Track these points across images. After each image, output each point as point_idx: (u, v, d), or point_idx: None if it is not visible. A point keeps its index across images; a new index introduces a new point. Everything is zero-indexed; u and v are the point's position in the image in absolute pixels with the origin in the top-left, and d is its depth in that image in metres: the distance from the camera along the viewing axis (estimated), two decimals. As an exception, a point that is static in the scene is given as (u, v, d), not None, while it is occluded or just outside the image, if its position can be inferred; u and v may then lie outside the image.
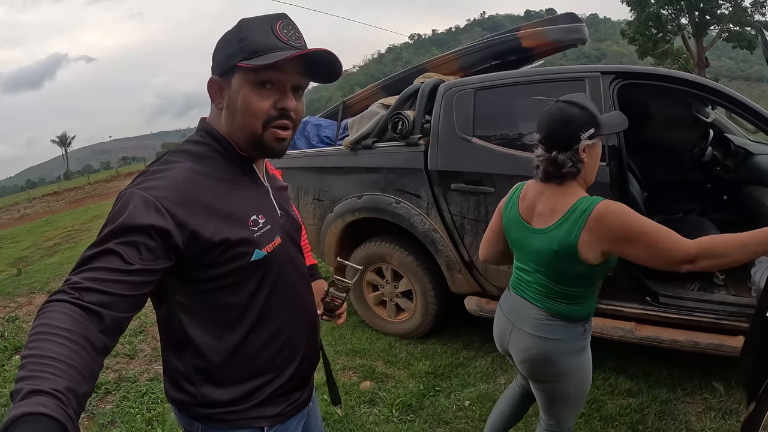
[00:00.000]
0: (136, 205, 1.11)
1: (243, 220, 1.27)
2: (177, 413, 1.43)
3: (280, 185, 1.57)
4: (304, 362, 1.48)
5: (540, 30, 4.63)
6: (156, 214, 1.11)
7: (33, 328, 0.93)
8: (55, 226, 15.05)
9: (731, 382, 3.46)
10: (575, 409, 2.18)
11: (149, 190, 1.14)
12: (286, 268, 1.41)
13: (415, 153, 3.88)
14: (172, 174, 1.20)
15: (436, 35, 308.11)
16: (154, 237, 1.09)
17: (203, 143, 1.33)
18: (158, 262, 1.11)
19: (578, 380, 2.07)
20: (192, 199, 1.18)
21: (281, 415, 1.43)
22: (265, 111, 1.25)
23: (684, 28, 34.28)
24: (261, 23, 1.24)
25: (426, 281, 4.14)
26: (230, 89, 1.26)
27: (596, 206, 1.79)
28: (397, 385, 3.75)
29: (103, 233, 1.09)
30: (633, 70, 3.52)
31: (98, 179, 51.73)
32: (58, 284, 6.95)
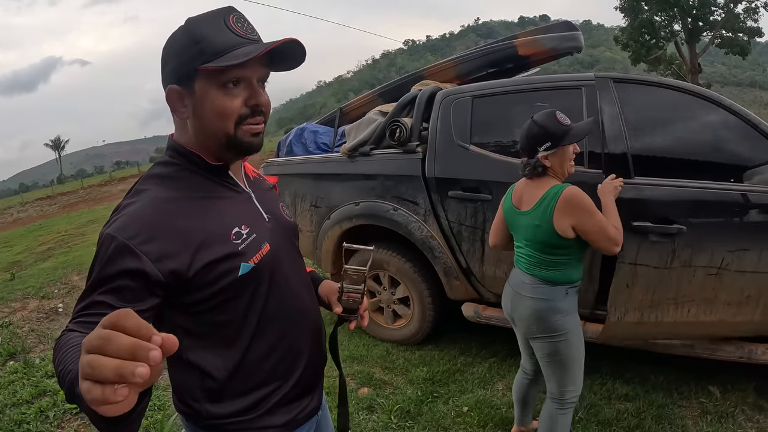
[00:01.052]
0: (110, 252, 1.10)
1: (224, 235, 1.23)
2: (184, 422, 1.42)
3: (265, 186, 1.53)
4: (309, 368, 1.46)
5: (536, 38, 4.66)
6: (129, 257, 1.09)
7: (56, 358, 0.96)
8: (48, 231, 14.99)
9: (727, 386, 3.50)
10: (571, 373, 2.56)
11: (120, 231, 1.11)
12: (279, 274, 1.36)
13: (412, 160, 3.90)
14: (140, 207, 1.17)
15: (430, 41, 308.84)
16: (133, 279, 1.09)
17: (171, 163, 1.28)
18: (145, 302, 1.11)
19: (569, 339, 2.51)
20: (164, 230, 1.15)
21: (290, 423, 1.41)
22: (236, 110, 1.20)
23: (677, 35, 34.40)
24: (212, 20, 1.18)
25: (423, 288, 4.16)
26: (194, 95, 1.20)
27: (563, 190, 2.37)
28: (395, 392, 3.76)
29: (87, 285, 1.11)
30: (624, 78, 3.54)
31: (92, 183, 51.50)
32: (51, 289, 7.00)
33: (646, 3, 33.66)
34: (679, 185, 3.07)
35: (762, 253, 2.95)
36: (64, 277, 7.64)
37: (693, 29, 33.58)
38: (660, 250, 3.05)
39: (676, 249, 3.02)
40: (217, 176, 1.31)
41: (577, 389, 2.60)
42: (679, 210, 3.05)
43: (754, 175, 3.09)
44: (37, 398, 4.09)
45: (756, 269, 2.97)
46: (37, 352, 5.07)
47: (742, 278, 3.00)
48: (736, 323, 3.12)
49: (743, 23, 32.89)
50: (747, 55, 35.00)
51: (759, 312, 3.06)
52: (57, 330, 5.63)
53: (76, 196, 37.48)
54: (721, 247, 2.98)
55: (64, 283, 7.35)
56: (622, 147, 3.22)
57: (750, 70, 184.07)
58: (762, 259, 2.96)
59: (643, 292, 3.15)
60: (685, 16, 33.18)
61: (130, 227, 1.12)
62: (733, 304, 3.05)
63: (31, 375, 4.49)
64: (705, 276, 3.02)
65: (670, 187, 3.08)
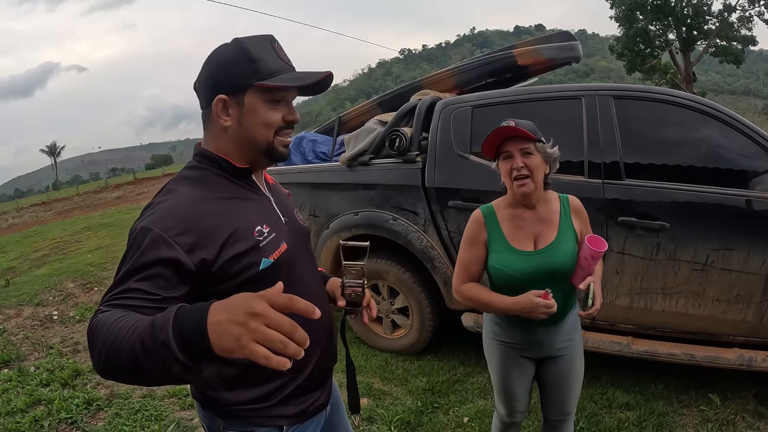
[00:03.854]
0: (146, 242, 1.19)
1: (248, 232, 1.35)
2: (200, 410, 1.51)
3: (282, 193, 1.67)
4: (321, 362, 1.56)
5: (535, 48, 4.68)
6: (164, 247, 1.19)
7: (104, 332, 1.04)
8: (43, 237, 14.89)
9: (727, 394, 3.50)
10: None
11: (156, 224, 1.22)
12: (295, 271, 1.48)
13: (412, 170, 3.90)
14: (173, 204, 1.29)
15: (426, 50, 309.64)
16: (167, 268, 1.18)
17: (200, 167, 1.42)
18: (177, 290, 1.20)
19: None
20: (195, 224, 1.26)
21: (300, 415, 1.52)
22: (277, 123, 1.38)
23: (671, 44, 34.56)
24: (263, 44, 1.36)
25: (422, 298, 4.14)
26: (241, 107, 1.35)
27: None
28: (394, 402, 3.75)
29: (121, 273, 1.19)
30: (626, 89, 3.58)
31: (87, 190, 51.31)
32: (46, 296, 6.95)
33: (641, 12, 33.83)
34: (663, 187, 3.25)
35: (749, 254, 3.10)
36: (59, 284, 7.58)
37: (687, 38, 33.78)
38: (645, 243, 3.30)
39: (660, 243, 3.24)
40: (241, 179, 1.45)
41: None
42: (663, 208, 3.24)
43: (758, 184, 3.17)
44: (32, 407, 4.06)
45: (743, 269, 3.13)
46: (32, 360, 5.03)
47: (729, 276, 3.17)
48: (727, 321, 3.26)
49: (737, 32, 33.08)
50: (741, 63, 35.18)
51: (751, 312, 3.20)
52: (52, 337, 5.59)
53: (72, 202, 37.36)
54: (705, 245, 3.18)
55: (59, 290, 7.30)
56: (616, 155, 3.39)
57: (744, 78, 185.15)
58: (749, 261, 3.11)
59: (632, 279, 3.39)
60: (680, 25, 33.37)
61: (165, 221, 1.23)
62: (722, 301, 3.23)
63: (25, 383, 4.45)
64: (690, 270, 3.22)
65: (655, 189, 3.27)
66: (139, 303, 1.13)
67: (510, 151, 2.09)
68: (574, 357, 2.32)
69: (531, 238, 2.18)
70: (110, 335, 1.02)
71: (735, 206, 3.12)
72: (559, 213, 2.21)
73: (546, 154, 2.12)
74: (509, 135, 2.08)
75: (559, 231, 2.17)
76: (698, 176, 3.27)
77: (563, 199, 2.25)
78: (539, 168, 2.10)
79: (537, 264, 2.12)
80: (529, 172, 2.07)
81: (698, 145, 3.41)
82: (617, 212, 3.32)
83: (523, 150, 2.08)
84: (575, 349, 2.32)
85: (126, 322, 1.02)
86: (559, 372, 2.32)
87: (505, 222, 2.21)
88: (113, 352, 1.00)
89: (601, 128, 3.40)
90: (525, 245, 2.16)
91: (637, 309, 3.44)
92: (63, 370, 4.61)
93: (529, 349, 2.30)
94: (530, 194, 2.11)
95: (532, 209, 2.20)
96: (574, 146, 3.46)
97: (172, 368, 0.95)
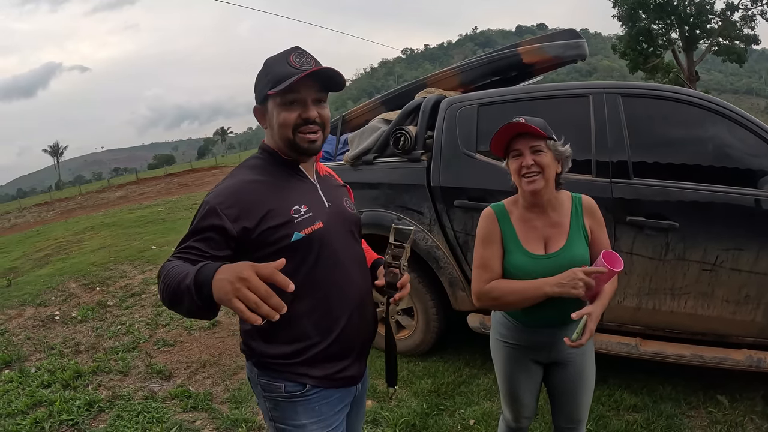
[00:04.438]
0: (204, 212, 1.58)
1: (286, 209, 1.64)
2: (247, 364, 1.82)
3: (336, 183, 1.96)
4: (347, 331, 1.74)
5: (540, 46, 4.63)
6: (215, 217, 1.56)
7: (166, 273, 1.43)
8: (46, 237, 14.90)
9: (735, 395, 3.48)
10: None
11: (213, 199, 1.60)
12: (329, 249, 1.70)
13: (417, 169, 3.86)
14: (229, 184, 1.65)
15: (428, 50, 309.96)
16: (216, 233, 1.55)
17: (258, 157, 1.78)
18: (223, 251, 1.56)
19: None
20: (242, 200, 1.60)
21: (325, 379, 1.73)
22: (292, 121, 1.65)
23: (674, 43, 34.57)
24: (281, 57, 1.66)
25: (428, 298, 4.11)
26: (268, 112, 1.69)
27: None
28: (399, 405, 3.70)
29: (187, 232, 1.59)
30: (635, 86, 3.55)
31: (90, 190, 51.39)
32: (48, 297, 6.93)
33: (643, 11, 33.84)
34: (672, 186, 3.23)
35: (759, 254, 3.07)
36: (61, 285, 7.57)
37: (690, 37, 33.78)
38: (654, 243, 3.27)
39: (669, 243, 3.21)
40: (290, 168, 1.76)
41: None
42: (672, 208, 3.22)
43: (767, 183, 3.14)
44: (33, 408, 4.04)
45: (752, 270, 3.10)
46: (33, 361, 5.01)
47: (738, 277, 3.14)
48: (737, 322, 3.24)
49: (740, 31, 33.10)
50: (744, 62, 35.22)
51: (761, 313, 3.17)
52: (53, 338, 5.58)
53: (74, 202, 37.42)
54: (714, 245, 3.14)
55: (61, 291, 7.29)
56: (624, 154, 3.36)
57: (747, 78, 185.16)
58: (759, 261, 3.08)
59: (641, 280, 3.36)
60: (683, 24, 33.37)
61: (220, 196, 1.60)
62: (732, 301, 3.20)
63: (26, 384, 4.43)
64: (699, 271, 3.19)
65: (664, 188, 3.24)
66: (193, 257, 1.49)
67: (520, 148, 2.04)
68: (585, 364, 2.25)
69: (541, 241, 2.12)
70: (167, 277, 1.40)
71: (744, 206, 3.09)
72: (570, 215, 2.15)
73: (557, 153, 2.06)
74: (519, 132, 2.03)
75: (569, 235, 2.11)
76: (707, 175, 3.23)
77: (576, 199, 2.19)
78: (550, 166, 2.03)
79: (547, 269, 2.05)
80: (540, 169, 2.01)
81: (707, 144, 3.38)
82: (625, 212, 3.28)
83: (533, 148, 2.02)
84: (586, 356, 2.25)
85: (178, 270, 1.39)
86: (568, 378, 2.26)
87: (518, 222, 2.16)
88: (167, 289, 1.38)
89: (609, 126, 3.37)
90: (536, 248, 2.11)
91: (645, 310, 3.40)
92: (64, 371, 4.59)
93: (536, 352, 2.24)
94: (540, 192, 2.05)
95: (543, 211, 2.14)
96: (582, 145, 3.41)
97: (193, 305, 1.31)
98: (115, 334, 5.54)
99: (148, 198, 27.15)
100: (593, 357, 2.31)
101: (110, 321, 6.01)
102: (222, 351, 4.87)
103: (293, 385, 1.70)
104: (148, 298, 6.70)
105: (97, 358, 4.92)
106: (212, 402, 3.93)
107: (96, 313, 6.27)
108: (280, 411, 1.74)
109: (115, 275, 7.92)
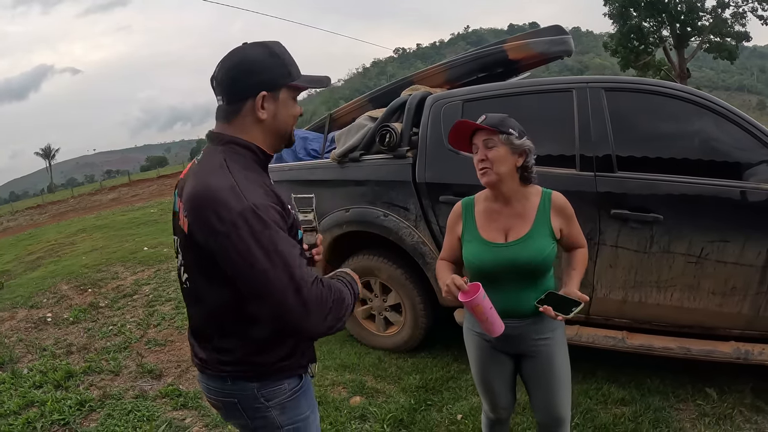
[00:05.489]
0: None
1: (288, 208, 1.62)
2: (239, 384, 1.67)
3: None
4: None
5: (526, 42, 4.64)
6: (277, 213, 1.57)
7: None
8: (38, 240, 14.88)
9: (724, 388, 3.48)
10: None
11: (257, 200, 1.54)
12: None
13: (402, 165, 3.87)
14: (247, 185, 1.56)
15: (420, 49, 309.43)
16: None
17: (242, 154, 1.62)
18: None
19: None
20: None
21: (307, 365, 1.78)
22: (299, 115, 1.70)
23: (665, 40, 34.65)
24: (285, 50, 1.63)
25: (415, 294, 4.12)
26: (276, 101, 1.60)
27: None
28: (387, 400, 3.71)
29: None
30: (618, 81, 3.57)
31: (82, 192, 51.23)
32: (40, 299, 6.93)
33: (634, 9, 33.90)
34: (656, 179, 3.23)
35: (745, 245, 3.07)
36: (54, 287, 7.57)
37: (681, 34, 33.86)
38: (639, 236, 3.28)
39: (654, 235, 3.22)
40: (264, 165, 1.68)
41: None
42: (656, 201, 3.21)
43: (752, 175, 3.15)
44: (25, 409, 4.04)
45: (738, 261, 3.11)
46: (25, 362, 5.01)
47: (724, 269, 3.14)
48: (723, 314, 3.25)
49: (731, 28, 33.17)
50: (735, 59, 35.31)
51: (747, 305, 3.17)
52: (45, 339, 5.58)
53: (67, 205, 37.32)
54: (700, 237, 3.15)
55: (53, 293, 7.28)
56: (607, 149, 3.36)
57: (738, 74, 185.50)
58: (745, 252, 3.08)
59: (626, 273, 3.37)
60: (674, 21, 33.45)
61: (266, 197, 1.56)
62: (718, 293, 3.21)
63: (18, 385, 4.43)
64: (685, 263, 3.20)
65: (648, 181, 3.25)
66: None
67: (476, 143, 2.15)
68: (554, 355, 2.27)
69: (502, 231, 2.19)
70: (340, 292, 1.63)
71: (730, 198, 3.10)
72: (536, 209, 2.20)
73: (513, 146, 2.11)
74: (471, 128, 2.14)
75: (532, 227, 2.16)
76: (692, 168, 3.24)
77: (545, 194, 2.23)
78: (502, 160, 2.10)
79: (504, 257, 2.13)
80: (490, 164, 2.09)
81: (691, 137, 3.39)
82: (610, 205, 3.29)
83: (486, 143, 2.11)
84: (555, 348, 2.27)
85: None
86: (538, 369, 2.28)
87: (481, 214, 2.25)
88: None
89: (593, 121, 3.37)
90: (496, 237, 2.18)
91: (631, 303, 3.41)
92: (56, 371, 4.60)
93: (504, 344, 2.27)
94: (495, 184, 2.14)
95: (507, 203, 2.20)
96: (566, 139, 3.44)
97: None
98: (106, 335, 5.54)
99: (141, 200, 27.10)
100: (565, 350, 2.33)
101: (102, 322, 6.01)
102: (212, 350, 4.87)
103: (293, 380, 1.71)
104: (140, 299, 6.71)
105: (89, 358, 4.93)
106: (202, 400, 3.92)
107: (88, 315, 6.27)
108: (287, 412, 1.72)
109: (107, 277, 7.91)
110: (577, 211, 3.24)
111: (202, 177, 1.53)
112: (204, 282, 1.60)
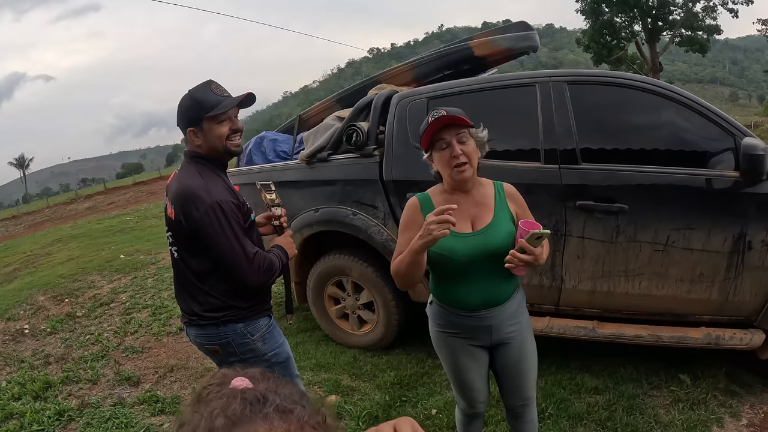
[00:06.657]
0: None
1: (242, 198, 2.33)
2: (220, 331, 2.29)
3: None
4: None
5: (491, 39, 4.67)
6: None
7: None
8: (14, 252, 14.68)
9: (697, 373, 3.52)
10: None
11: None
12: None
13: (370, 164, 3.89)
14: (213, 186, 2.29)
15: (395, 49, 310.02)
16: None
17: (201, 164, 2.28)
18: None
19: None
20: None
21: (270, 308, 2.48)
22: (226, 133, 2.22)
23: (637, 35, 35.04)
24: (204, 89, 2.18)
25: (387, 292, 4.13)
26: (202, 131, 2.19)
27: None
28: (363, 398, 3.73)
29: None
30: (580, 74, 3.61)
31: (57, 202, 50.53)
32: (17, 311, 6.85)
33: (606, 5, 34.23)
34: (620, 169, 3.28)
35: (710, 232, 3.12)
36: (30, 298, 7.46)
37: (653, 29, 34.24)
38: (605, 226, 3.32)
39: (620, 225, 3.25)
40: (223, 170, 2.36)
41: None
42: (621, 191, 3.25)
43: (717, 163, 3.20)
44: (4, 422, 3.99)
45: (705, 248, 3.15)
46: (4, 375, 4.93)
47: (691, 256, 3.19)
48: (693, 300, 3.28)
49: (702, 21, 33.62)
50: (707, 52, 35.78)
51: (716, 291, 3.21)
52: (23, 351, 5.50)
53: (42, 215, 36.84)
54: (665, 225, 3.19)
55: (30, 304, 7.18)
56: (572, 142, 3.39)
57: (711, 67, 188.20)
58: (711, 239, 3.12)
59: (594, 263, 3.41)
60: (645, 16, 33.82)
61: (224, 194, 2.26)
62: (686, 280, 3.25)
63: (-3, 398, 4.37)
64: (652, 251, 3.24)
65: (612, 172, 3.29)
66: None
67: (446, 138, 2.08)
68: (524, 340, 2.30)
69: (468, 220, 2.17)
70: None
71: (694, 186, 3.14)
72: (493, 197, 2.21)
73: (478, 139, 2.13)
74: (447, 123, 2.08)
75: (495, 213, 2.17)
76: (657, 158, 3.29)
77: (497, 185, 2.26)
78: (474, 153, 2.11)
79: (476, 245, 2.11)
80: (467, 158, 2.08)
81: (655, 127, 3.42)
82: (575, 197, 3.32)
83: (460, 137, 2.08)
84: (524, 333, 2.30)
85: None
86: (512, 356, 2.30)
87: (441, 206, 2.20)
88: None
89: (556, 114, 3.40)
90: (463, 227, 2.14)
91: (600, 292, 3.45)
92: (34, 382, 4.53)
93: (477, 337, 2.27)
94: (469, 179, 2.13)
95: (466, 193, 2.19)
96: (530, 133, 3.47)
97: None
98: (84, 344, 5.48)
99: (117, 207, 26.84)
100: (532, 333, 2.37)
101: (79, 331, 5.93)
102: (189, 355, 4.85)
103: (265, 319, 2.39)
104: (117, 307, 6.64)
105: (67, 368, 4.87)
106: (180, 405, 3.91)
107: (65, 325, 6.19)
108: (267, 342, 2.37)
109: (83, 286, 7.82)
110: (543, 203, 3.30)
111: (183, 180, 2.21)
112: (185, 252, 2.26)
